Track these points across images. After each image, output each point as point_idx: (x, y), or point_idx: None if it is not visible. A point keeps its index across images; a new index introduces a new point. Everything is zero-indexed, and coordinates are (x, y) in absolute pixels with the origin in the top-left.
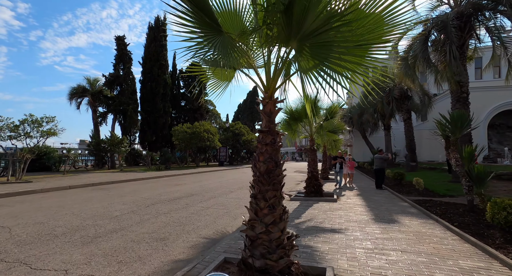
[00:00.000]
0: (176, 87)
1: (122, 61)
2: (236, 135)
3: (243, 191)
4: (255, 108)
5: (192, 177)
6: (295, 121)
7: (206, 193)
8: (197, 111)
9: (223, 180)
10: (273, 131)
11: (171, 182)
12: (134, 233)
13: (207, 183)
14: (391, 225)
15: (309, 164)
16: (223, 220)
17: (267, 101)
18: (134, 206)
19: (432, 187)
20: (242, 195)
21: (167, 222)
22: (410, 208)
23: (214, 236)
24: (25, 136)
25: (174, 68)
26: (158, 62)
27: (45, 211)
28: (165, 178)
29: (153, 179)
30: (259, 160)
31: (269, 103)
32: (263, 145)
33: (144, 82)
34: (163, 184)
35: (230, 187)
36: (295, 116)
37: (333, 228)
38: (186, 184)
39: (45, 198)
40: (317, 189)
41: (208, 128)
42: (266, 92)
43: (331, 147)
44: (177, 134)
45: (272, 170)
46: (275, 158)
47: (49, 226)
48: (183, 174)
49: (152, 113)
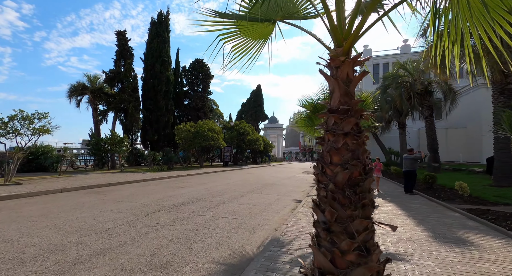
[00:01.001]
0: (179, 85)
1: (123, 57)
2: (240, 135)
3: (255, 195)
4: (258, 107)
5: (197, 178)
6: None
7: (214, 197)
8: (200, 110)
9: (230, 181)
10: (356, 111)
11: (174, 184)
12: (127, 256)
13: (213, 185)
14: (464, 247)
15: None
16: (238, 234)
17: (342, 59)
18: (130, 215)
19: (475, 192)
20: (254, 200)
21: (170, 237)
22: (468, 220)
23: (232, 260)
24: (15, 134)
25: (177, 66)
26: (160, 58)
27: (22, 222)
28: (168, 180)
29: (154, 181)
30: (331, 162)
31: (347, 64)
32: (338, 136)
33: (146, 79)
34: (165, 186)
35: (239, 190)
36: (318, 108)
37: (388, 251)
38: (190, 186)
39: (29, 204)
40: None
41: (213, 127)
42: (339, 46)
43: None
44: (180, 133)
45: (358, 181)
46: (362, 159)
47: (18, 246)
48: (186, 174)
49: (154, 112)
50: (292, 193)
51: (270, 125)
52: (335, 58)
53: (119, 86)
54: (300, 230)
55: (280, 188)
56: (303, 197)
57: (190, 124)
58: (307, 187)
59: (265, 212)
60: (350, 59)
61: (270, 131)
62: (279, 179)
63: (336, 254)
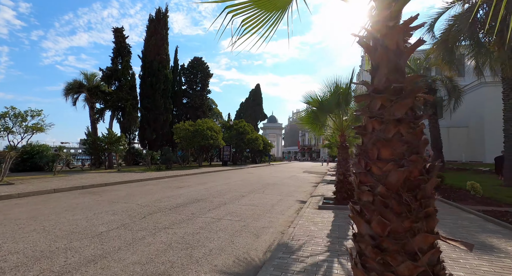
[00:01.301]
0: (177, 83)
1: (121, 54)
2: (240, 134)
3: (256, 196)
4: (257, 107)
5: (196, 178)
6: (323, 112)
7: (214, 198)
8: (199, 109)
9: (231, 181)
10: (410, 92)
11: (172, 183)
12: (121, 264)
13: (213, 185)
14: (492, 254)
15: (339, 164)
16: (242, 238)
17: (391, 24)
18: (126, 217)
19: (486, 193)
20: (256, 201)
21: (168, 242)
22: (487, 223)
23: (237, 268)
24: (7, 132)
25: (176, 64)
26: (158, 56)
27: (8, 225)
28: (166, 179)
29: (152, 180)
30: (379, 157)
31: (397, 30)
32: (388, 123)
33: (143, 77)
34: (164, 186)
35: (240, 190)
36: (324, 105)
37: None
38: (189, 186)
39: (19, 205)
40: (351, 194)
41: (212, 126)
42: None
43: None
44: (179, 132)
45: (419, 182)
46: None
47: (0, 252)
48: (185, 174)
49: (152, 110)
50: (295, 193)
51: (269, 124)
52: (380, 24)
53: (116, 84)
54: (308, 234)
55: (281, 188)
56: (306, 197)
57: (188, 123)
58: (309, 187)
59: (268, 213)
60: (399, 25)
61: (269, 131)
62: (280, 178)
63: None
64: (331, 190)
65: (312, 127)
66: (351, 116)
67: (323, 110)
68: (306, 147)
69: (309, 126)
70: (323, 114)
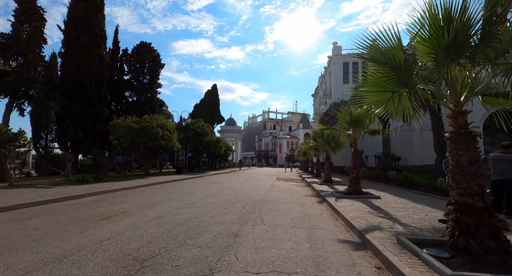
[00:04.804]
0: (118, 70)
1: (27, 19)
2: (197, 135)
3: (258, 231)
4: (214, 109)
5: (140, 194)
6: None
7: (177, 248)
8: (147, 104)
9: (197, 198)
10: None
11: (95, 209)
12: None
13: (170, 210)
14: None
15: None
16: None
17: None
18: None
19: None
20: (271, 251)
21: None
22: None
23: None
24: None
25: (116, 47)
26: (90, 29)
27: None
28: (85, 200)
29: (54, 204)
30: None
31: None
32: None
33: (66, 55)
34: (72, 218)
35: (221, 219)
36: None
37: None
38: (125, 213)
39: None
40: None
41: (164, 124)
42: None
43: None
44: (117, 131)
45: None
46: None
47: None
48: (123, 188)
49: (78, 100)
50: (309, 218)
51: (228, 127)
52: None
53: (20, 60)
54: None
55: (280, 208)
56: (341, 229)
57: (132, 119)
58: (314, 203)
59: None
60: None
61: (228, 134)
62: (262, 190)
63: None
64: (356, 210)
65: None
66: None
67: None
68: (263, 152)
69: (379, 97)
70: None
